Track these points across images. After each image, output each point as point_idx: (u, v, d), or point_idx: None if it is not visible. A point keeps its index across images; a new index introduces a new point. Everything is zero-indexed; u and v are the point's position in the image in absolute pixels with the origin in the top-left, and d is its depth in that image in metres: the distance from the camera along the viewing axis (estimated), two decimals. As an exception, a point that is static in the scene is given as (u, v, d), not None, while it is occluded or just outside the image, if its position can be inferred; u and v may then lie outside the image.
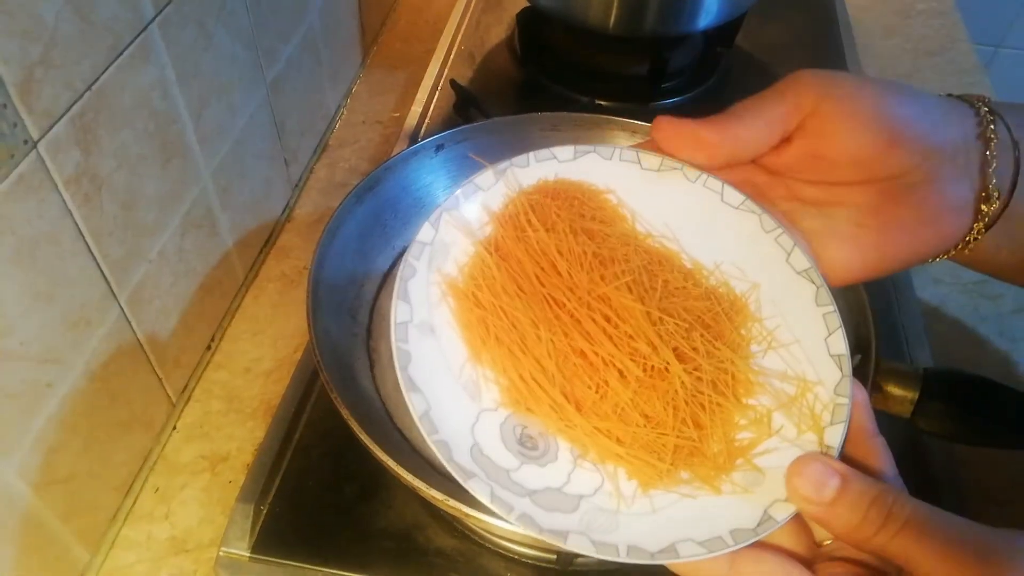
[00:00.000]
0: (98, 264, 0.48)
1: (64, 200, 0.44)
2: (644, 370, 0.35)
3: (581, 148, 0.41)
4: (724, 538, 0.32)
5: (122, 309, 0.52)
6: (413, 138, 0.79)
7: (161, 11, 0.50)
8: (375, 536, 0.52)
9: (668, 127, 0.39)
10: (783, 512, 0.32)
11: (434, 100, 0.85)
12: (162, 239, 0.55)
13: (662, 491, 0.34)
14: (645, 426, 0.35)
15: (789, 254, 0.38)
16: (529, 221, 0.39)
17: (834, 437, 0.33)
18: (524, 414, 0.36)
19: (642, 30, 0.81)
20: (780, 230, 0.39)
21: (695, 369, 0.36)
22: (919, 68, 0.95)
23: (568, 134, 0.68)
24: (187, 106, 0.55)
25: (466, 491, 0.32)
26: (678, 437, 0.35)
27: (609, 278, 0.37)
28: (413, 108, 0.83)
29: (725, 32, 0.88)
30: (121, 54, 0.47)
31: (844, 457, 0.33)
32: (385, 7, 1.01)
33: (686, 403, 0.35)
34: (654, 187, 0.40)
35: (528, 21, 0.89)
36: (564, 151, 0.41)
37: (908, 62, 0.96)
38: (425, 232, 0.38)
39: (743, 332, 0.38)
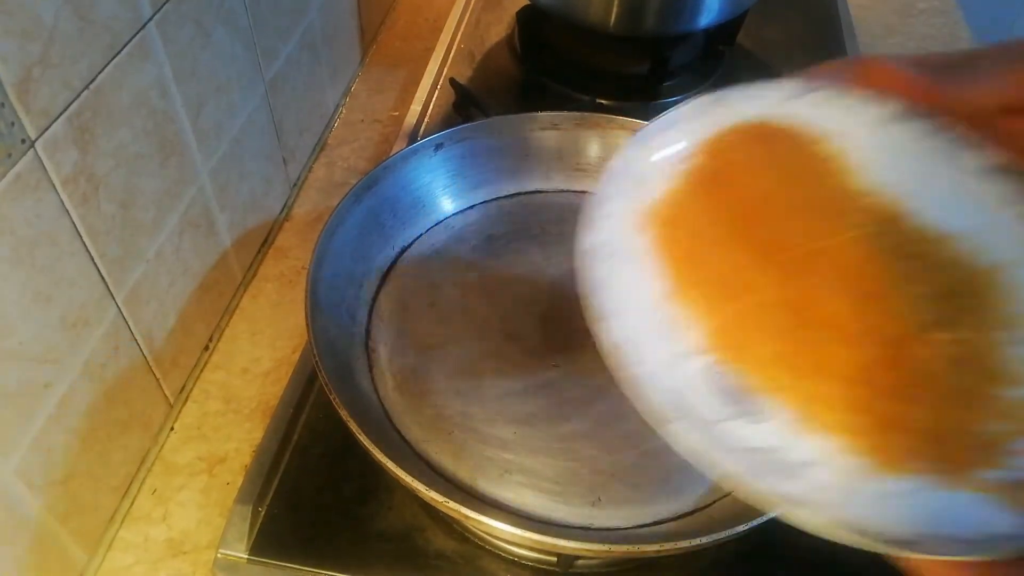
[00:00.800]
0: (96, 264, 0.48)
1: (62, 200, 0.44)
2: (900, 333, 0.29)
3: (811, 84, 0.35)
4: (987, 539, 0.26)
5: (120, 309, 0.51)
6: (412, 137, 0.79)
7: (159, 9, 0.50)
8: (374, 538, 0.52)
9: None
10: None
11: (433, 99, 0.85)
12: (160, 239, 0.55)
13: (906, 476, 0.28)
14: (903, 401, 0.28)
15: None
16: (747, 156, 0.34)
17: None
18: (738, 369, 0.30)
19: (643, 28, 0.81)
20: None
21: (956, 343, 0.29)
22: (920, 67, 0.95)
23: (569, 133, 0.68)
24: (185, 105, 0.55)
25: (465, 493, 0.30)
26: (945, 419, 0.28)
27: (847, 227, 0.31)
28: (412, 107, 0.82)
29: (726, 30, 0.88)
30: (119, 53, 0.47)
31: None
32: (384, 5, 1.01)
33: (951, 379, 0.29)
34: (884, 138, 0.34)
35: (528, 19, 0.89)
36: (790, 86, 0.35)
37: (910, 61, 0.96)
38: (624, 156, 0.34)
39: (1012, 309, 0.31)
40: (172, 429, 0.60)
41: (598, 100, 0.83)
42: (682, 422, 0.28)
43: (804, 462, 0.28)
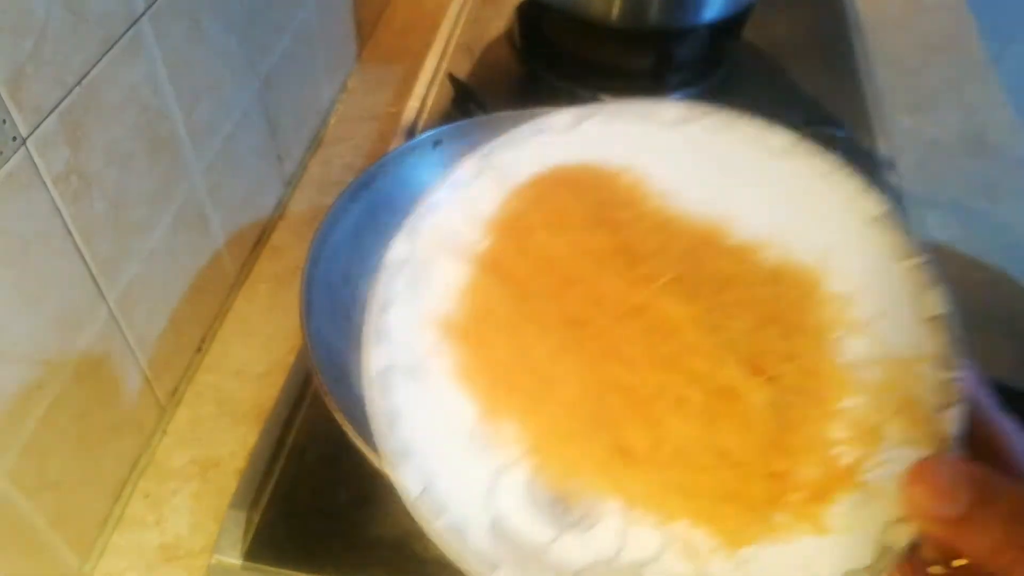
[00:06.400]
0: (87, 264, 0.48)
1: (53, 198, 0.44)
2: (708, 394, 0.29)
3: (581, 112, 0.34)
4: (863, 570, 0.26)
5: (111, 310, 0.51)
6: (410, 134, 0.78)
7: (152, 4, 0.50)
8: (370, 544, 0.51)
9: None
10: (903, 537, 0.26)
11: (432, 95, 0.84)
12: (152, 238, 0.54)
13: (754, 541, 0.28)
14: (721, 468, 0.28)
15: (857, 200, 0.31)
16: (531, 224, 0.32)
17: (951, 424, 0.26)
18: (558, 475, 0.29)
19: (646, 22, 0.80)
20: (843, 171, 0.32)
21: (772, 379, 0.29)
22: (928, 63, 0.94)
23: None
24: (178, 101, 0.54)
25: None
26: (768, 474, 0.27)
27: (644, 280, 0.30)
28: (410, 103, 0.82)
29: (731, 25, 0.87)
30: (112, 48, 0.47)
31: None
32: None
33: (768, 427, 0.28)
34: (681, 144, 0.34)
35: (528, 13, 0.88)
36: (561, 117, 0.34)
37: (917, 57, 0.95)
38: (400, 246, 0.32)
39: (822, 317, 0.31)
40: (165, 432, 0.59)
41: (600, 96, 0.82)
42: (511, 560, 0.26)
43: (647, 558, 0.27)
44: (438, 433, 0.29)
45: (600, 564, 0.27)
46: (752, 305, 0.31)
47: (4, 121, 0.39)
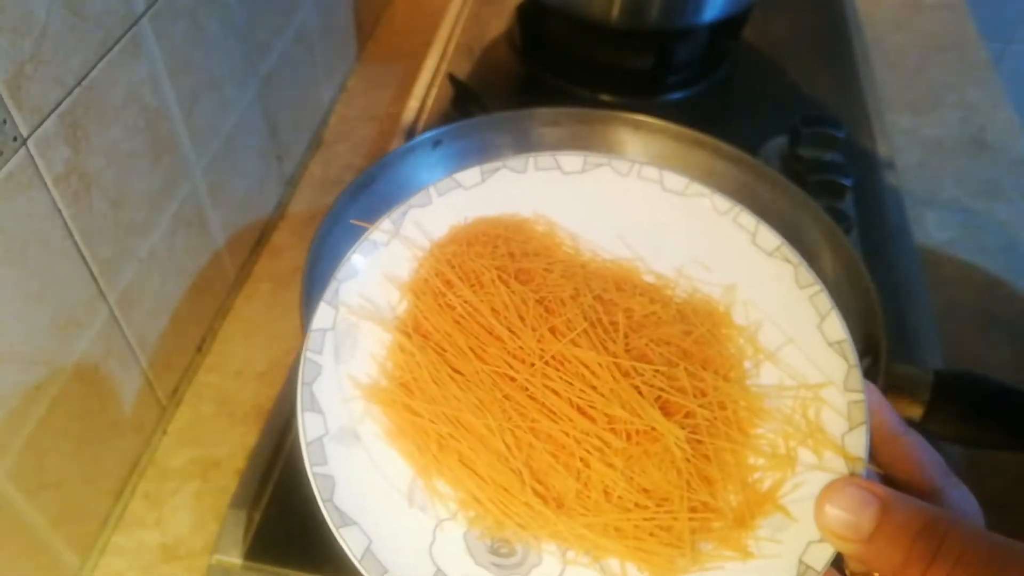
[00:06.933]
0: (87, 264, 0.48)
1: (53, 198, 0.44)
2: (628, 438, 0.30)
3: (488, 167, 0.36)
4: None
5: (112, 310, 0.51)
6: (410, 134, 0.78)
7: (152, 4, 0.49)
8: (371, 544, 0.51)
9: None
10: (821, 556, 0.27)
11: (432, 95, 0.84)
12: (152, 238, 0.54)
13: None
14: (647, 506, 0.29)
15: (754, 235, 0.33)
16: (448, 281, 0.33)
17: (858, 445, 0.28)
18: (493, 526, 0.30)
19: (646, 23, 0.80)
20: (737, 208, 0.34)
21: (687, 416, 0.31)
22: (928, 63, 0.94)
23: (570, 129, 0.67)
24: (178, 101, 0.54)
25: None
26: (691, 508, 0.29)
27: (560, 329, 0.32)
28: (410, 103, 0.81)
29: (731, 25, 0.87)
30: (112, 49, 0.46)
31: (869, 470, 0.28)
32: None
33: (688, 460, 0.30)
34: (585, 193, 0.36)
35: (528, 13, 0.88)
36: (469, 175, 0.36)
37: (917, 57, 0.95)
38: (323, 315, 0.32)
39: (731, 350, 0.33)
40: (165, 432, 0.59)
41: (600, 96, 0.82)
42: None
43: None
44: (375, 497, 0.30)
45: None
46: (664, 345, 0.32)
47: (4, 121, 0.39)
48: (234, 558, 0.51)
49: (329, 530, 0.52)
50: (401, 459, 0.31)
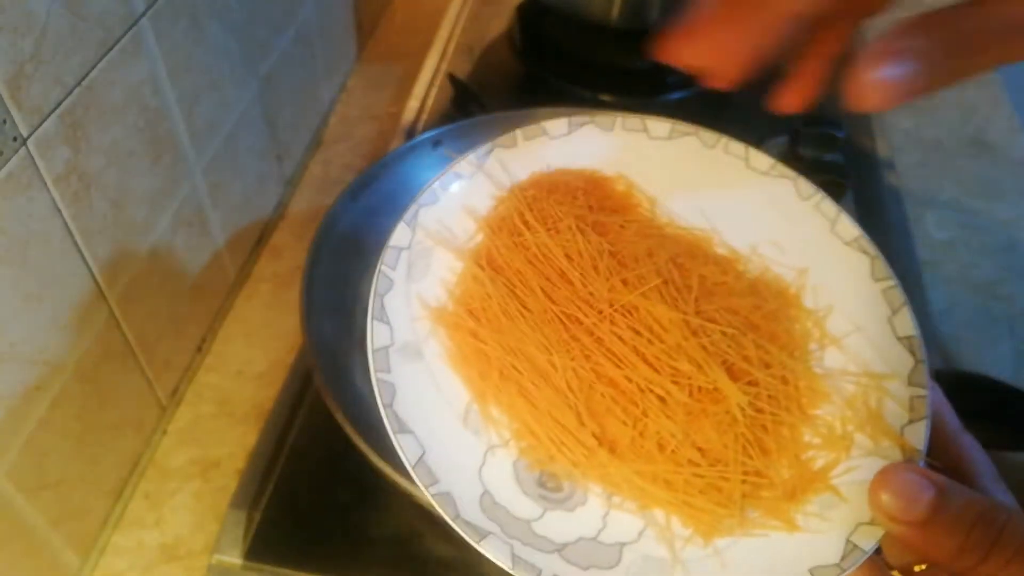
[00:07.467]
0: (87, 264, 0.48)
1: (53, 198, 0.44)
2: (690, 394, 0.30)
3: (576, 120, 0.36)
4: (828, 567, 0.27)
5: (112, 310, 0.51)
6: (410, 134, 0.78)
7: (152, 4, 0.49)
8: (371, 543, 0.51)
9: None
10: (870, 538, 0.27)
11: (432, 95, 0.84)
12: (152, 238, 0.54)
13: (731, 533, 0.29)
14: (700, 463, 0.29)
15: (834, 223, 0.34)
16: (526, 222, 0.33)
17: (917, 438, 0.28)
18: (544, 459, 0.30)
19: (646, 22, 0.79)
20: (820, 195, 0.34)
21: (750, 384, 0.31)
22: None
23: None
24: (178, 101, 0.54)
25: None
26: (744, 472, 0.29)
27: (633, 282, 0.32)
28: (410, 103, 0.82)
29: (729, 26, 0.87)
30: (112, 49, 0.46)
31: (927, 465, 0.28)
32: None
33: (746, 427, 0.30)
34: (668, 159, 0.36)
35: (528, 13, 0.88)
36: (556, 125, 0.36)
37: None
38: (400, 234, 0.33)
39: (798, 330, 0.33)
40: (165, 432, 0.59)
41: (600, 96, 0.82)
42: (497, 534, 0.28)
43: (627, 539, 0.29)
44: (432, 412, 0.30)
45: (584, 541, 0.29)
46: (733, 314, 0.32)
47: (4, 121, 0.39)
48: (234, 558, 0.50)
49: (329, 530, 0.52)
50: (460, 383, 0.31)
